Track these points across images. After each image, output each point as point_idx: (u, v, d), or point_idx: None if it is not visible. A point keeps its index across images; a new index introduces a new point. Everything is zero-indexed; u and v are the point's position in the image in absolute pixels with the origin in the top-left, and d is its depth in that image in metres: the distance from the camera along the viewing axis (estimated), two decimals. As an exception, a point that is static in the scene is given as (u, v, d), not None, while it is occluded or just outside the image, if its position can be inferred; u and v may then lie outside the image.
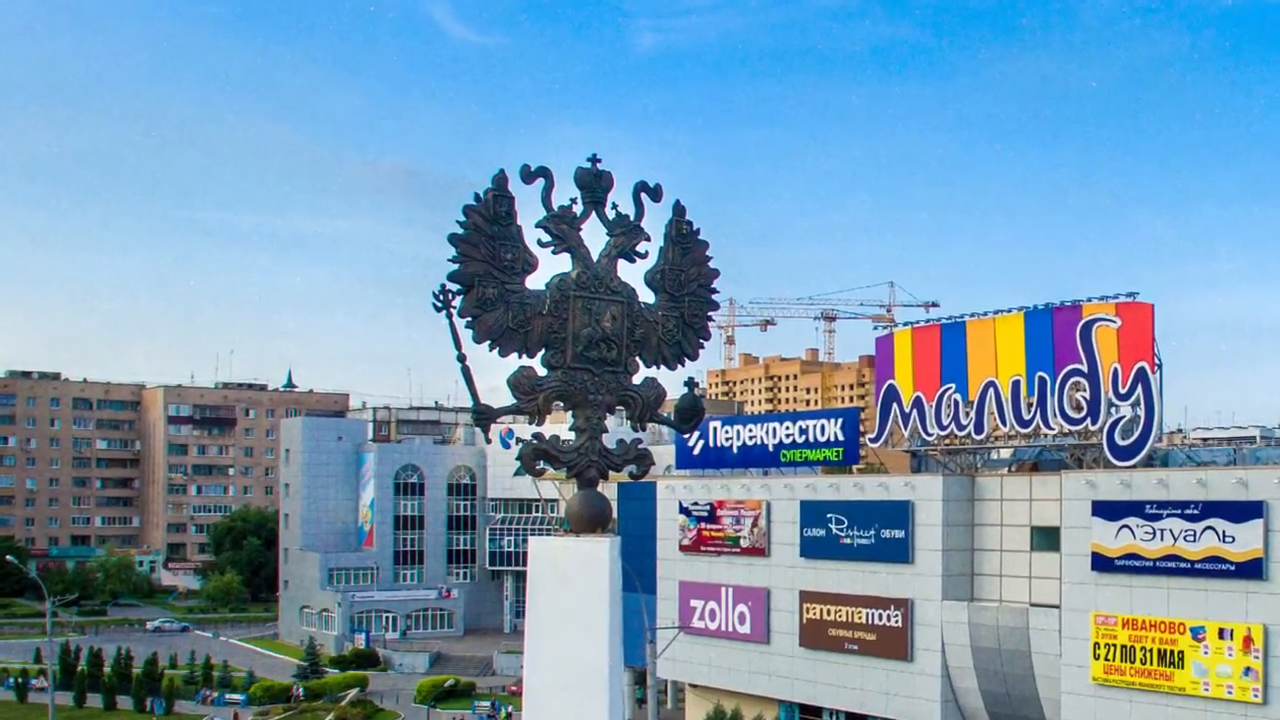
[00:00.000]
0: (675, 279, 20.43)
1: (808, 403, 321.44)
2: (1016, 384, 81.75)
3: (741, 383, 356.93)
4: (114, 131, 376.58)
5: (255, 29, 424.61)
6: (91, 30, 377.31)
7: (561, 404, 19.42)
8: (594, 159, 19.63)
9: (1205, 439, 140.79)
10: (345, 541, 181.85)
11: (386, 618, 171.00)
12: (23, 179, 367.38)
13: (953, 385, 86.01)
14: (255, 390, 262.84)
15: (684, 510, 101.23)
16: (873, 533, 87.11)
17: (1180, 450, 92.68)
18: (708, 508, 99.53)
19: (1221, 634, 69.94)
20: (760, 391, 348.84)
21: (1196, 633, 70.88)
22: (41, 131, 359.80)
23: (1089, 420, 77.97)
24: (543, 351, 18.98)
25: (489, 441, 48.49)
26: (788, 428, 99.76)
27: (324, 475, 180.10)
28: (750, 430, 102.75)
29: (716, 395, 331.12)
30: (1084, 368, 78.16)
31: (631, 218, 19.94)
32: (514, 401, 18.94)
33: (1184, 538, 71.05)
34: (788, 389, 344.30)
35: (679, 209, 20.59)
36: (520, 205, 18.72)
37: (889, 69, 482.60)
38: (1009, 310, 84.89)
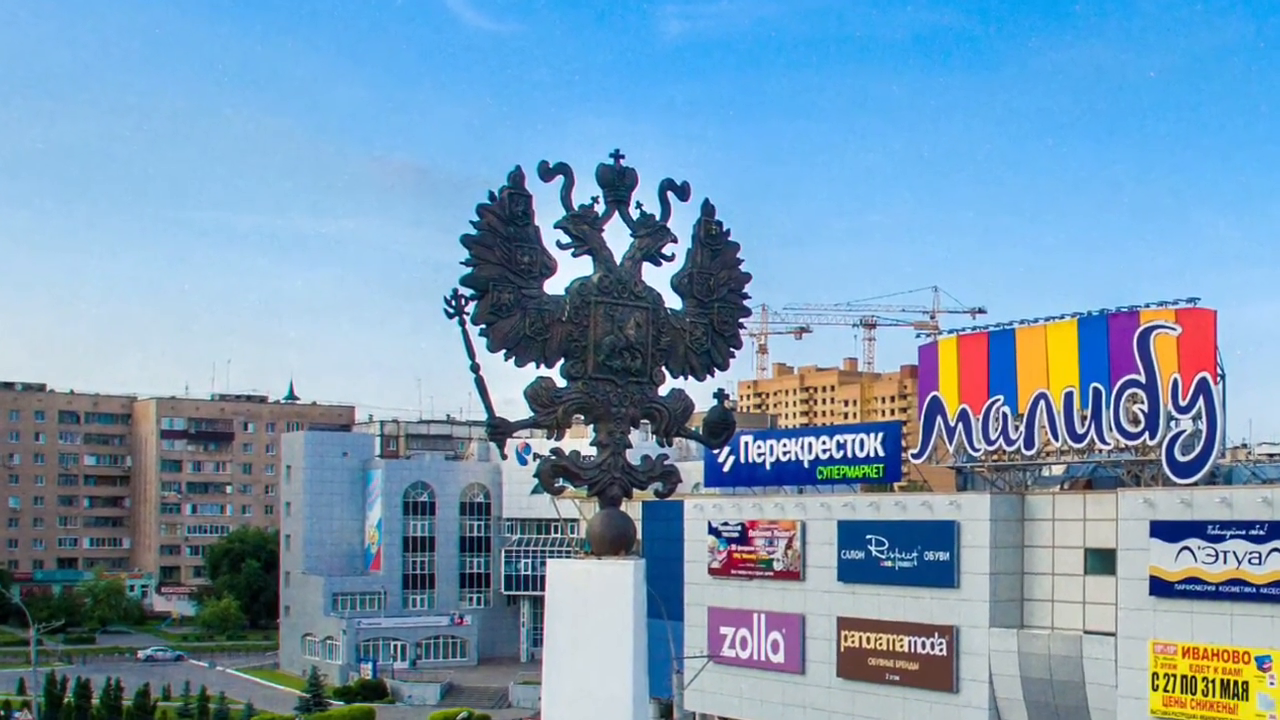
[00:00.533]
0: (704, 283, 20.44)
1: (846, 416, 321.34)
2: (1069, 396, 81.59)
3: (775, 394, 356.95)
4: (103, 125, 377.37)
5: (254, 16, 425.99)
6: (79, 16, 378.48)
7: (582, 417, 19.42)
8: (617, 155, 19.65)
9: (1271, 454, 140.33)
10: (350, 564, 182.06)
11: (395, 646, 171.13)
12: (4, 176, 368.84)
13: (1001, 397, 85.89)
14: (254, 402, 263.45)
15: (713, 531, 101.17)
16: (915, 555, 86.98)
17: (1245, 466, 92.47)
18: (738, 528, 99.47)
19: (1290, 664, 69.75)
20: (795, 404, 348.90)
21: (1262, 662, 70.62)
22: (25, 125, 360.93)
23: (1147, 434, 77.79)
24: (562, 361, 18.98)
25: (504, 457, 48.41)
26: (824, 442, 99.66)
27: (328, 493, 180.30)
28: (784, 445, 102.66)
29: (748, 408, 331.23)
30: (1141, 378, 77.99)
31: (657, 218, 19.96)
32: (531, 414, 18.95)
33: (1249, 560, 70.79)
34: (824, 401, 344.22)
35: (708, 208, 20.60)
36: (538, 204, 18.74)
37: (932, 58, 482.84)
38: (1061, 317, 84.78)
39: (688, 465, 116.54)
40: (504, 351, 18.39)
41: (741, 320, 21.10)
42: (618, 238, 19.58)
